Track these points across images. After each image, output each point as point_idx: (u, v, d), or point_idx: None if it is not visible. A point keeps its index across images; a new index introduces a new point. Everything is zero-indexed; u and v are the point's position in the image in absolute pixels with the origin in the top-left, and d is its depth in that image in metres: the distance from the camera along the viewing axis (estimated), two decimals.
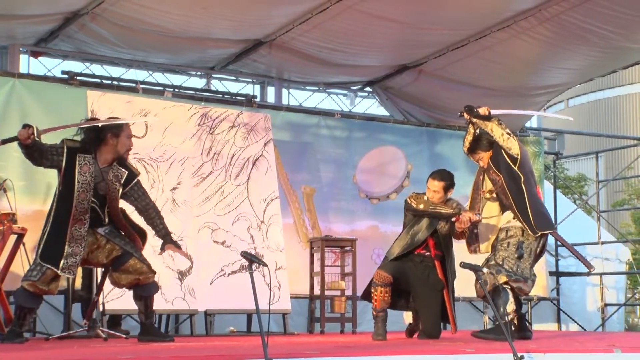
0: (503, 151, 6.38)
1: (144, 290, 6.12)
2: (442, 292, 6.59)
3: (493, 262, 6.26)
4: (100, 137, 5.93)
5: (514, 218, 6.36)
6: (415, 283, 6.62)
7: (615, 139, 19.61)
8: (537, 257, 6.49)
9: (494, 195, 6.49)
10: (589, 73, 10.26)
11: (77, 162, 5.84)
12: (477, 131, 6.47)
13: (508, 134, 6.38)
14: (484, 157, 6.48)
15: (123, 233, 6.11)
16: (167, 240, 6.17)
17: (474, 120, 6.44)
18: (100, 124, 5.95)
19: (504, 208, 6.45)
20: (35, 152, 5.78)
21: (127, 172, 6.04)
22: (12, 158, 7.75)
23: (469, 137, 6.52)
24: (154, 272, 6.14)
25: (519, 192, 6.32)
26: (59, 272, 5.78)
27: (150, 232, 6.29)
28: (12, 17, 8.18)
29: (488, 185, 6.53)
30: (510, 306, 6.19)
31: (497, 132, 6.38)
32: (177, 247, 6.24)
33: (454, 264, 6.60)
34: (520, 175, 6.34)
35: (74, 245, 5.80)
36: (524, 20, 8.62)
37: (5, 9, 7.98)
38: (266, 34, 8.99)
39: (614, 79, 26.78)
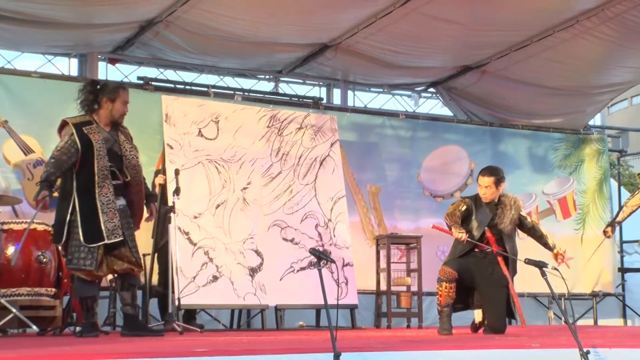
0: None
1: (134, 280, 6.07)
2: (507, 287, 6.62)
3: None
4: (97, 99, 6.03)
5: None
6: (480, 279, 6.65)
7: None
8: None
9: None
10: None
11: (87, 133, 5.91)
12: None
13: None
14: None
15: (135, 200, 6.09)
16: (151, 200, 6.41)
17: None
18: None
19: None
20: (60, 176, 5.91)
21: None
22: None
23: None
24: (141, 268, 6.19)
25: None
26: (106, 241, 5.80)
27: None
28: (91, 27, 8.42)
29: None
30: None
31: None
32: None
33: (515, 260, 6.66)
34: None
35: (107, 211, 5.83)
36: (586, 19, 8.60)
37: (85, 19, 8.22)
38: (332, 38, 9.09)
39: None
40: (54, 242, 6.26)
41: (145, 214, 6.45)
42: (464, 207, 6.71)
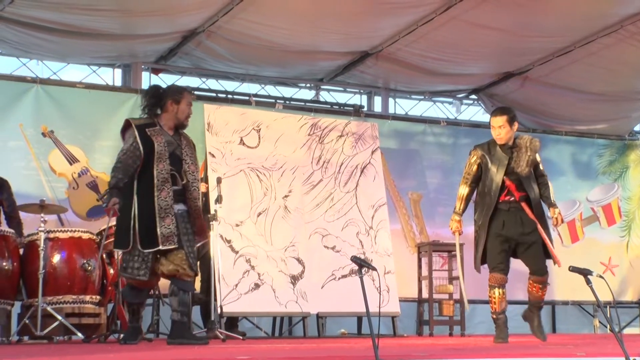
0: None
1: (182, 284, 5.87)
2: (536, 230, 6.55)
3: None
4: (161, 103, 5.96)
5: None
6: (513, 232, 6.55)
7: None
8: None
9: None
10: None
11: (150, 135, 5.84)
12: None
13: None
14: None
15: (192, 207, 5.96)
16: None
17: None
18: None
19: None
20: (127, 180, 5.82)
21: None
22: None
23: None
24: (194, 273, 5.99)
25: None
26: (160, 247, 5.72)
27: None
28: (135, 37, 8.54)
29: None
30: None
31: None
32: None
33: (540, 203, 6.61)
34: None
35: (164, 216, 5.75)
36: (631, 24, 8.52)
37: (128, 30, 8.35)
38: (373, 46, 9.11)
39: None
40: (115, 248, 6.13)
41: None
42: (475, 168, 6.66)
